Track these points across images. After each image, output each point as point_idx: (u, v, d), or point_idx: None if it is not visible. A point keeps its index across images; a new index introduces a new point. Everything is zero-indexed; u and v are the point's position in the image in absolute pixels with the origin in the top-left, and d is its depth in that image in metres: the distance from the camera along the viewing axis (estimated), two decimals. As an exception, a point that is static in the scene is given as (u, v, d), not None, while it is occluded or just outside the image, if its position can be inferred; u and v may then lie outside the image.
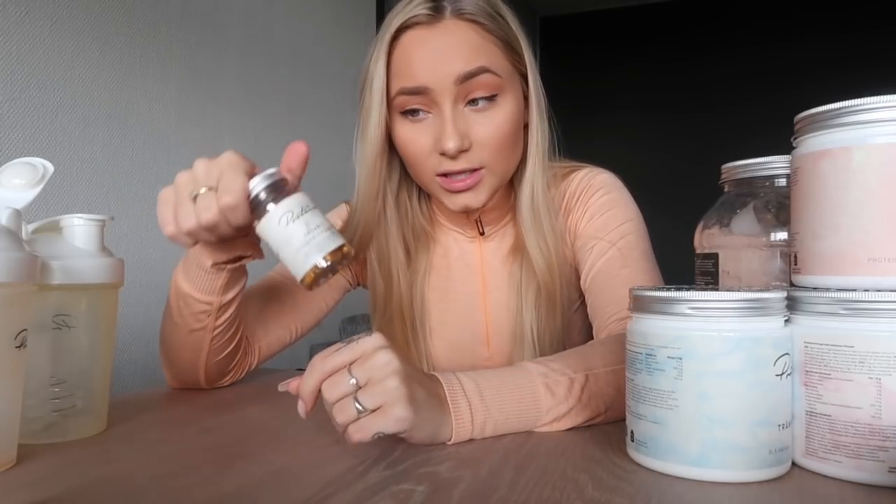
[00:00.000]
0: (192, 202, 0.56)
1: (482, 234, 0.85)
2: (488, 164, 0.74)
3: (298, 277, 0.54)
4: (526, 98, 0.79)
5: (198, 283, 0.66)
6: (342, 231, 0.80)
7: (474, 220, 0.84)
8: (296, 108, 1.78)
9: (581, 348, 0.64)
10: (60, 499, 0.41)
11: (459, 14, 0.73)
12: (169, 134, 1.31)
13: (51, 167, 0.54)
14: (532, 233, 0.79)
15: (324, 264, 0.54)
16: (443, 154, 0.73)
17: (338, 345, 0.52)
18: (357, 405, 0.48)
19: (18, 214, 0.49)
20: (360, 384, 0.49)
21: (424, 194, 0.87)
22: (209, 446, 0.53)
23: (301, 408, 0.52)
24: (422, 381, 0.52)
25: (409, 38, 0.74)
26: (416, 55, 0.72)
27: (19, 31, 1.00)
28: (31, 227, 0.55)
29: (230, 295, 0.68)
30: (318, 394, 0.51)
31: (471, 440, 0.54)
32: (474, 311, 0.86)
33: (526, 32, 0.78)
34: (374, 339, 0.51)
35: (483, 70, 0.72)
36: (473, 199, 0.76)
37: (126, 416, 0.62)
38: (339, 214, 0.88)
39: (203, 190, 0.56)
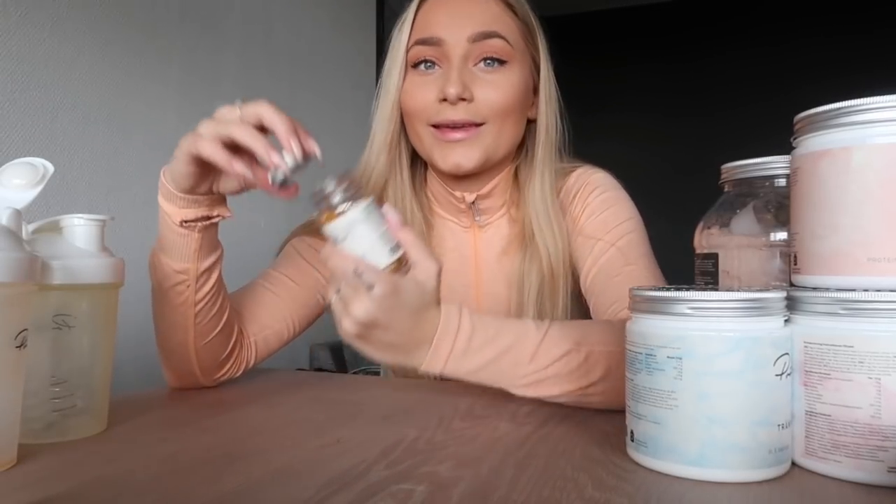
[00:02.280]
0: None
1: (476, 219, 0.86)
2: (489, 120, 0.76)
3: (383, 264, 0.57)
4: (535, 90, 0.82)
5: (173, 251, 0.66)
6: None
7: (470, 203, 0.84)
8: (295, 110, 1.77)
9: (582, 323, 0.64)
10: (61, 498, 0.41)
11: None
12: (169, 134, 1.31)
13: (51, 167, 0.54)
14: (544, 221, 0.80)
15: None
16: (444, 101, 0.75)
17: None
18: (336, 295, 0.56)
19: (19, 214, 0.49)
20: (343, 294, 0.56)
21: (425, 182, 0.87)
22: (209, 446, 0.53)
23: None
24: (407, 324, 0.57)
25: (434, 0, 0.78)
26: (436, 12, 0.77)
27: (19, 32, 1.00)
28: (31, 227, 0.55)
29: (206, 263, 0.68)
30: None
31: (472, 440, 0.54)
32: (466, 303, 0.85)
33: (545, 36, 0.82)
34: (381, 282, 0.55)
35: (497, 34, 0.76)
36: (465, 156, 0.76)
37: (126, 416, 0.62)
38: None
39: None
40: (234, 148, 0.58)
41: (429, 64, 0.77)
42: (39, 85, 1.03)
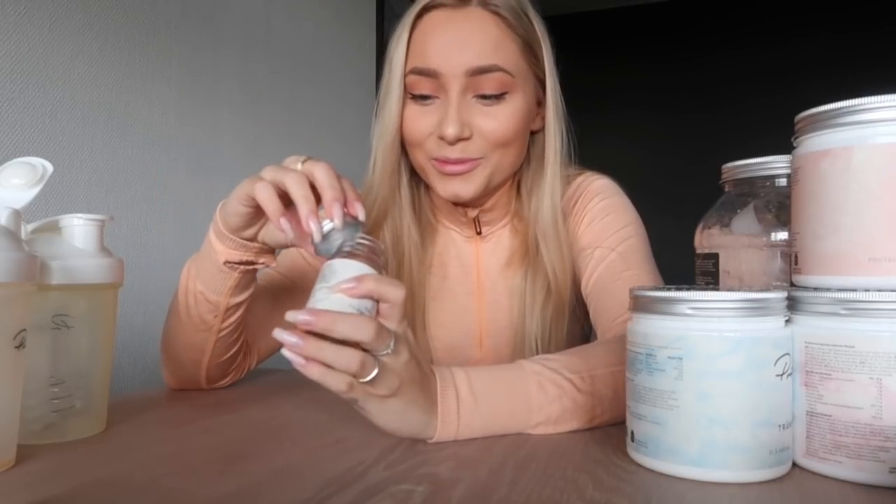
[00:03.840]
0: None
1: (479, 233, 0.85)
2: (487, 155, 0.75)
3: None
4: (539, 103, 0.80)
5: (208, 281, 0.65)
6: None
7: (472, 217, 0.84)
8: (295, 108, 1.78)
9: (582, 348, 0.63)
10: (60, 499, 0.41)
11: (485, 4, 0.74)
12: (169, 134, 1.31)
13: (50, 167, 0.54)
14: (552, 241, 0.79)
15: None
16: (441, 138, 0.73)
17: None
18: (374, 372, 0.47)
19: (18, 214, 0.49)
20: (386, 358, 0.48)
21: (429, 191, 0.86)
22: (209, 446, 0.53)
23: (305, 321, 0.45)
24: (420, 382, 0.52)
25: (431, 18, 0.75)
26: (433, 37, 0.74)
27: (18, 31, 0.99)
28: (30, 227, 0.55)
29: (238, 299, 0.67)
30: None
31: (471, 440, 0.54)
32: (468, 312, 0.85)
33: (551, 41, 0.79)
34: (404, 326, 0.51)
35: (496, 68, 0.72)
36: (464, 189, 0.75)
37: (126, 416, 0.62)
38: None
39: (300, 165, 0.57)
40: (289, 203, 0.56)
41: (426, 96, 0.75)
42: (38, 84, 1.03)
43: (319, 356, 0.45)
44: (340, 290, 0.48)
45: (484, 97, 0.74)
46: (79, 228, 0.55)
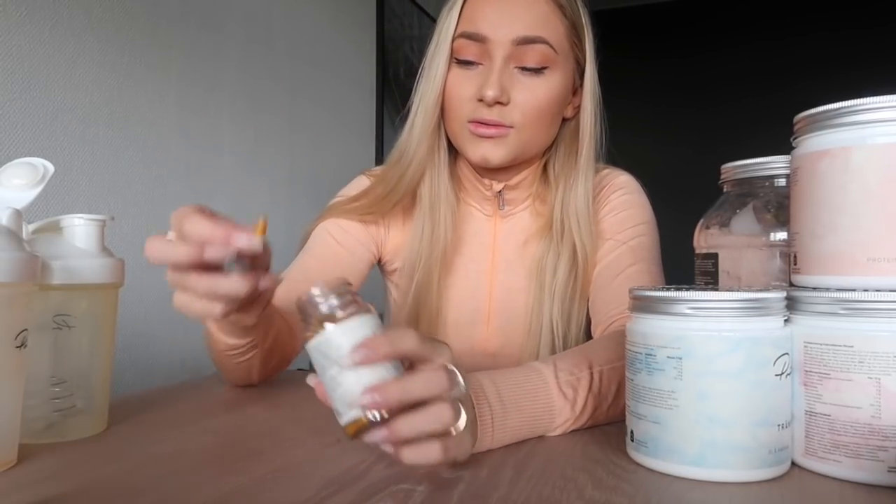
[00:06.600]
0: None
1: (500, 209, 0.86)
2: (518, 125, 0.77)
3: (342, 420, 0.43)
4: (574, 92, 0.82)
5: (229, 341, 0.66)
6: (377, 182, 0.84)
7: (497, 192, 0.85)
8: (296, 108, 1.78)
9: (580, 348, 0.64)
10: (61, 499, 0.41)
11: None
12: (169, 134, 1.31)
13: (51, 167, 0.54)
14: (584, 220, 0.80)
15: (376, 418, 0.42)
16: (480, 101, 0.76)
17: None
18: (463, 416, 0.44)
19: (19, 214, 0.49)
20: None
21: (456, 165, 0.88)
22: (209, 446, 0.53)
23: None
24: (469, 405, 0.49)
25: None
26: (485, 6, 0.77)
27: (20, 32, 1.00)
28: (31, 227, 0.55)
29: (265, 327, 0.67)
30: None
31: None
32: (479, 289, 0.86)
33: (593, 32, 0.81)
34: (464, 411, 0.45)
35: (541, 40, 0.75)
36: (493, 152, 0.77)
37: (126, 416, 0.62)
38: (359, 185, 0.89)
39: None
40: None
41: (470, 62, 0.77)
42: (40, 85, 1.03)
43: (414, 430, 0.41)
44: (359, 362, 0.41)
45: (525, 69, 0.76)
46: (80, 228, 0.56)
